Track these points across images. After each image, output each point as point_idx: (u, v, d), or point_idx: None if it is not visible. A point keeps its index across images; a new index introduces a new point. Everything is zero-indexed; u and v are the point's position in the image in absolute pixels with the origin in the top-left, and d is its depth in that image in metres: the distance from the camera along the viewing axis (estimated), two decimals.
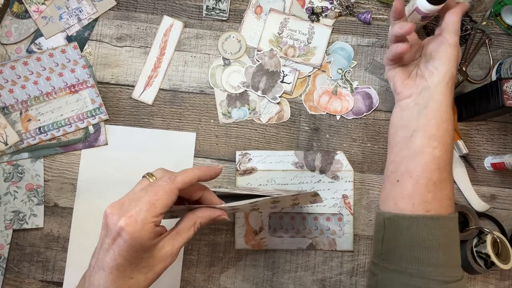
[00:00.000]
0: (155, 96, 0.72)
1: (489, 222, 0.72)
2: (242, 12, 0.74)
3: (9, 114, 0.69)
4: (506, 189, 0.73)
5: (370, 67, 0.74)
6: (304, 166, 0.70)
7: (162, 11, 0.74)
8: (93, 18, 0.73)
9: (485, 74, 0.75)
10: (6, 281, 0.68)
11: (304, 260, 0.70)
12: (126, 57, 0.73)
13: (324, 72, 0.74)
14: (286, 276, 0.70)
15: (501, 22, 0.75)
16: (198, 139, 0.72)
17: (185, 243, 0.51)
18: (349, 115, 0.73)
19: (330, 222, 0.70)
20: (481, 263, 0.66)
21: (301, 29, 0.74)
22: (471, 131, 0.74)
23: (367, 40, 0.75)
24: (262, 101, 0.73)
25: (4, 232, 0.68)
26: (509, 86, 0.64)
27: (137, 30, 0.73)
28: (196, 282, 0.69)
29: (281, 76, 0.73)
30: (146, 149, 0.70)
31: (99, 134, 0.70)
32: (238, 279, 0.69)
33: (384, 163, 0.72)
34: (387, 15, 0.75)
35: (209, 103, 0.73)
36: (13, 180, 0.69)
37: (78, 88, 0.71)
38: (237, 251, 0.70)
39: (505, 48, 0.75)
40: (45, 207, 0.69)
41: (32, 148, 0.69)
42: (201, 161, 0.71)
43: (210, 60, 0.73)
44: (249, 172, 0.69)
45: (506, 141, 0.73)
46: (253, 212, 0.69)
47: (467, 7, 0.60)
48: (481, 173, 0.73)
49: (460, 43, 0.75)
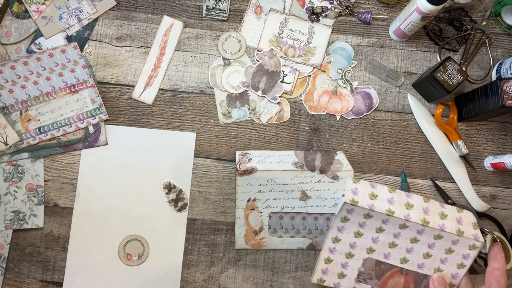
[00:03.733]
0: (155, 96, 0.72)
1: (489, 222, 0.72)
2: (242, 12, 0.74)
3: (9, 114, 0.69)
4: (506, 189, 0.73)
5: (370, 67, 0.74)
6: (304, 166, 0.70)
7: (162, 11, 0.74)
8: (93, 18, 0.73)
9: (485, 74, 0.75)
10: (6, 281, 0.68)
11: (304, 260, 0.70)
12: (126, 57, 0.73)
13: (324, 72, 0.74)
14: (286, 276, 0.70)
15: (501, 22, 0.75)
16: (198, 139, 0.72)
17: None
18: (349, 115, 0.73)
19: (330, 222, 0.70)
20: (481, 263, 0.66)
21: (301, 29, 0.74)
22: (471, 131, 0.74)
23: (367, 40, 0.75)
24: (262, 101, 0.73)
25: (4, 232, 0.68)
26: (509, 86, 0.64)
27: (137, 30, 0.73)
28: (196, 282, 0.69)
29: (281, 76, 0.73)
30: (146, 149, 0.70)
31: (99, 134, 0.70)
32: (238, 279, 0.69)
33: (384, 163, 0.72)
34: (387, 15, 0.75)
35: (209, 103, 0.73)
36: (13, 180, 0.69)
37: (78, 88, 0.71)
38: (237, 251, 0.70)
39: (505, 48, 0.75)
40: (45, 207, 0.69)
41: (32, 148, 0.69)
42: (201, 161, 0.71)
43: (210, 60, 0.73)
44: (249, 172, 0.69)
45: (506, 141, 0.73)
46: (252, 212, 0.69)
47: None
48: (481, 173, 0.73)
49: (460, 43, 0.75)
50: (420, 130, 0.73)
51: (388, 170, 0.72)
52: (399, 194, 0.57)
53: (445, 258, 0.57)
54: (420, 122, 0.73)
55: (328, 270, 0.59)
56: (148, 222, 0.69)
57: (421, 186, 0.72)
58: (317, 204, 0.69)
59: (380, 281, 0.59)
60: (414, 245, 0.57)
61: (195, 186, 0.70)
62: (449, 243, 0.56)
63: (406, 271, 0.58)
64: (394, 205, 0.55)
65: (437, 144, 0.72)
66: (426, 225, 0.54)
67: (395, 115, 0.73)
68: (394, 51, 0.75)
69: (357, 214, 0.56)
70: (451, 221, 0.56)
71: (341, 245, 0.58)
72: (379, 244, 0.57)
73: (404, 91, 0.74)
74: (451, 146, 0.72)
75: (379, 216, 0.55)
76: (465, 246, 0.55)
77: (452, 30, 0.76)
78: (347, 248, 0.58)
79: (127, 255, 0.68)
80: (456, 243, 0.55)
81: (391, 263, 0.58)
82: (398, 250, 0.57)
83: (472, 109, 0.70)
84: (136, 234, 0.68)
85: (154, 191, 0.69)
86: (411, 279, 0.58)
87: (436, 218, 0.55)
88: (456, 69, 0.67)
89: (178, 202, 0.69)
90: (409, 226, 0.55)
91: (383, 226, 0.56)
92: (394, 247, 0.57)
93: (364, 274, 0.59)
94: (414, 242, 0.57)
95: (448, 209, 0.57)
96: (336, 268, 0.59)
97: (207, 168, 0.71)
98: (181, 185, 0.70)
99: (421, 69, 0.74)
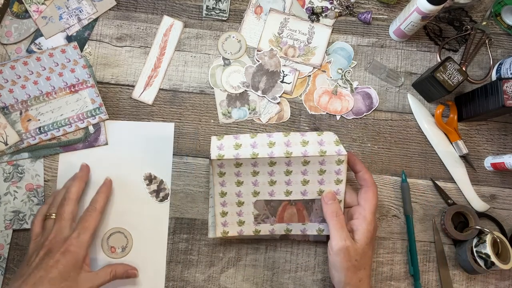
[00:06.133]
0: (155, 96, 0.72)
1: (489, 222, 0.72)
2: (242, 12, 0.74)
3: (9, 114, 0.69)
4: (506, 189, 0.73)
5: (370, 67, 0.74)
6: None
7: (162, 11, 0.74)
8: (93, 18, 0.73)
9: (485, 74, 0.75)
10: (6, 281, 0.68)
11: (304, 260, 0.70)
12: (126, 57, 0.73)
13: (324, 72, 0.74)
14: (286, 276, 0.70)
15: (501, 22, 0.75)
16: (198, 139, 0.72)
17: (101, 284, 0.61)
18: (349, 115, 0.73)
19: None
20: (481, 263, 0.66)
21: (301, 29, 0.74)
22: (471, 131, 0.74)
23: (367, 40, 0.75)
24: (262, 101, 0.73)
25: (4, 232, 0.68)
26: (509, 86, 0.64)
27: (137, 30, 0.73)
28: (196, 282, 0.69)
29: (281, 76, 0.73)
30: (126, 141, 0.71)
31: (99, 134, 0.70)
32: (238, 279, 0.69)
33: (384, 163, 0.72)
34: (387, 15, 0.75)
35: (209, 103, 0.73)
36: (13, 180, 0.69)
37: (78, 88, 0.71)
38: (237, 251, 0.70)
39: (505, 48, 0.75)
40: None
41: (32, 148, 0.69)
42: (201, 161, 0.71)
43: (210, 60, 0.73)
44: None
45: (506, 141, 0.73)
46: None
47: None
48: (481, 173, 0.73)
49: (460, 43, 0.75)
50: (420, 130, 0.73)
51: (388, 170, 0.72)
52: (261, 137, 0.62)
53: (321, 179, 0.62)
54: (420, 122, 0.73)
55: (227, 222, 0.64)
56: (131, 214, 0.69)
57: (421, 186, 0.72)
58: None
59: (276, 217, 0.64)
60: (289, 176, 0.62)
61: (195, 186, 0.70)
62: (318, 165, 0.61)
63: (294, 201, 0.63)
64: (257, 148, 0.61)
65: (437, 144, 0.72)
66: (290, 156, 0.60)
67: (395, 115, 0.73)
68: (394, 51, 0.75)
69: (228, 166, 0.60)
70: (312, 145, 0.61)
71: (229, 197, 0.63)
72: (260, 185, 0.62)
73: (404, 91, 0.74)
74: (451, 146, 0.72)
75: (247, 162, 0.60)
76: (332, 163, 0.61)
77: (452, 30, 0.76)
78: (235, 198, 0.63)
79: (111, 247, 0.68)
80: (324, 163, 0.61)
81: (278, 199, 0.63)
82: (279, 186, 0.62)
83: (472, 109, 0.70)
84: (119, 226, 0.69)
85: (135, 183, 0.70)
86: (302, 207, 0.64)
87: (299, 147, 0.61)
88: (456, 69, 0.67)
89: (160, 193, 0.70)
90: (277, 161, 0.60)
91: (256, 169, 0.61)
92: (274, 184, 0.62)
93: (260, 215, 0.64)
94: (288, 174, 0.62)
95: (308, 136, 0.63)
96: (233, 218, 0.64)
97: (207, 168, 0.71)
98: (161, 175, 0.70)
99: (421, 69, 0.74)
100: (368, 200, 0.61)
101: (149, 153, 0.70)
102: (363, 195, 0.62)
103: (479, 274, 0.69)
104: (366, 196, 0.62)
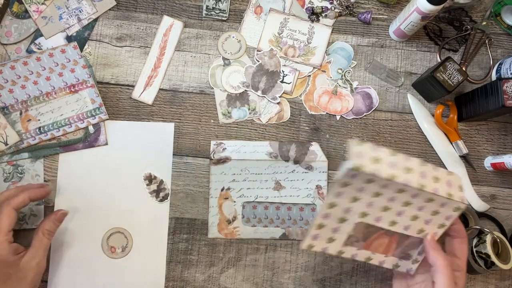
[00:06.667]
0: (155, 96, 0.72)
1: (489, 222, 0.72)
2: (242, 12, 0.74)
3: (9, 114, 0.69)
4: (506, 189, 0.73)
5: (370, 67, 0.74)
6: (278, 157, 0.70)
7: (162, 11, 0.74)
8: (93, 18, 0.73)
9: (485, 74, 0.75)
10: None
11: (304, 260, 0.70)
12: (126, 57, 0.73)
13: (324, 72, 0.74)
14: (286, 276, 0.70)
15: (501, 22, 0.75)
16: (198, 139, 0.72)
17: (46, 250, 0.61)
18: (349, 115, 0.73)
19: (304, 212, 0.70)
20: (481, 263, 0.66)
21: (301, 29, 0.74)
22: (471, 131, 0.74)
23: (367, 40, 0.75)
24: (262, 101, 0.73)
25: None
26: (509, 86, 0.64)
27: (137, 30, 0.73)
28: (196, 282, 0.69)
29: (281, 76, 0.73)
30: (126, 142, 0.71)
31: (99, 134, 0.70)
32: (238, 279, 0.70)
33: None
34: (387, 15, 0.75)
35: (209, 103, 0.73)
36: (13, 180, 0.69)
37: (78, 88, 0.71)
38: (237, 251, 0.70)
39: (505, 48, 0.75)
40: (45, 207, 0.69)
41: (32, 148, 0.69)
42: (201, 161, 0.71)
43: (210, 60, 0.73)
44: (223, 162, 0.70)
45: (506, 141, 0.74)
46: (226, 202, 0.69)
47: None
48: (481, 173, 0.73)
49: (460, 43, 0.75)
50: (420, 130, 0.73)
51: None
52: (400, 157, 0.55)
53: (429, 220, 0.57)
54: (420, 122, 0.73)
55: (318, 235, 0.57)
56: (131, 214, 0.69)
57: None
58: (291, 194, 0.70)
59: (366, 242, 0.58)
60: (405, 208, 0.56)
61: (195, 186, 0.70)
62: (438, 205, 0.56)
63: (392, 232, 0.58)
64: (395, 170, 0.53)
65: (437, 144, 0.72)
66: (422, 190, 0.54)
67: (395, 115, 0.73)
68: (394, 51, 0.75)
69: (359, 179, 0.53)
70: (442, 185, 0.55)
71: (335, 211, 0.56)
72: (373, 208, 0.56)
73: (404, 91, 0.74)
74: (451, 146, 0.72)
75: (380, 182, 0.53)
76: (450, 208, 0.56)
77: (452, 30, 0.76)
78: (341, 213, 0.56)
79: (111, 248, 0.68)
80: (444, 205, 0.56)
81: (380, 226, 0.57)
82: (389, 214, 0.56)
83: (472, 109, 0.70)
84: (119, 226, 0.69)
85: (135, 183, 0.70)
86: (394, 240, 0.58)
87: (430, 182, 0.55)
88: (456, 69, 0.67)
89: (160, 193, 0.70)
90: (406, 191, 0.54)
91: (382, 191, 0.55)
92: (386, 211, 0.56)
93: (352, 237, 0.58)
94: (406, 205, 0.56)
95: (440, 173, 0.56)
96: (326, 233, 0.57)
97: (207, 168, 0.71)
98: (161, 175, 0.70)
99: (421, 69, 0.74)
100: (465, 253, 0.58)
101: (149, 153, 0.70)
102: (458, 246, 0.58)
103: (479, 274, 0.69)
104: (462, 248, 0.58)
